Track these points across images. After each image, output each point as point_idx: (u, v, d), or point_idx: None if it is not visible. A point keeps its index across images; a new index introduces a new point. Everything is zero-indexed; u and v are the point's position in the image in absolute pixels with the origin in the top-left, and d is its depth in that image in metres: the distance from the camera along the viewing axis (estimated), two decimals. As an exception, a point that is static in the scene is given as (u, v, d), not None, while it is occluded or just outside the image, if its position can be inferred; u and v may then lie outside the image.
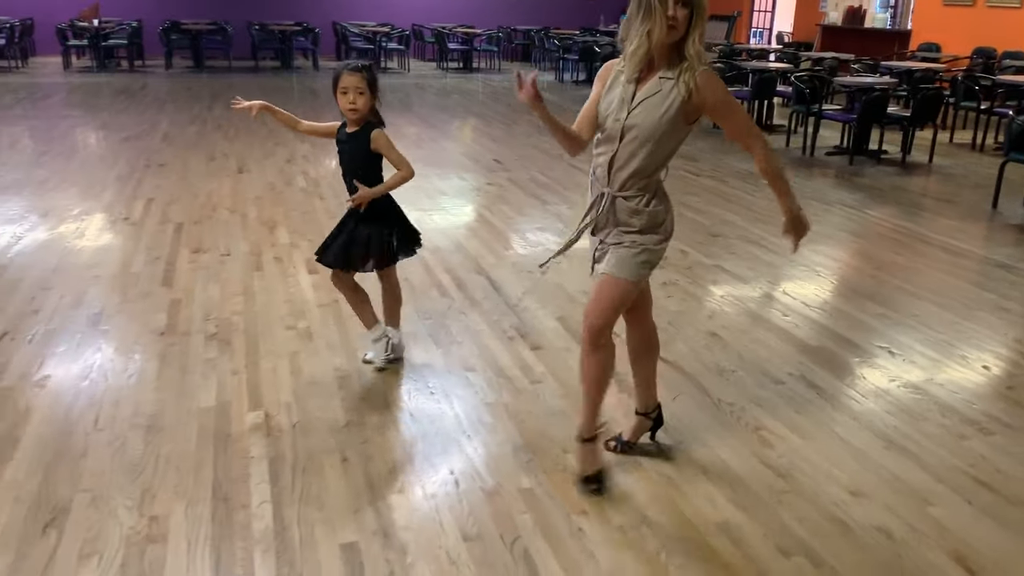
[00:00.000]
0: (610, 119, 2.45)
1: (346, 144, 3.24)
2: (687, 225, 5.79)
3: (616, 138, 2.45)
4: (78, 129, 8.76)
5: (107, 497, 2.57)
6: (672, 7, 2.29)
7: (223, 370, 3.43)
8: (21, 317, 3.88)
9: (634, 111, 2.41)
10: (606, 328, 2.57)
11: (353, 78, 3.11)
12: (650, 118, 2.40)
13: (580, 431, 2.71)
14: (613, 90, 2.47)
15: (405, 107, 11.22)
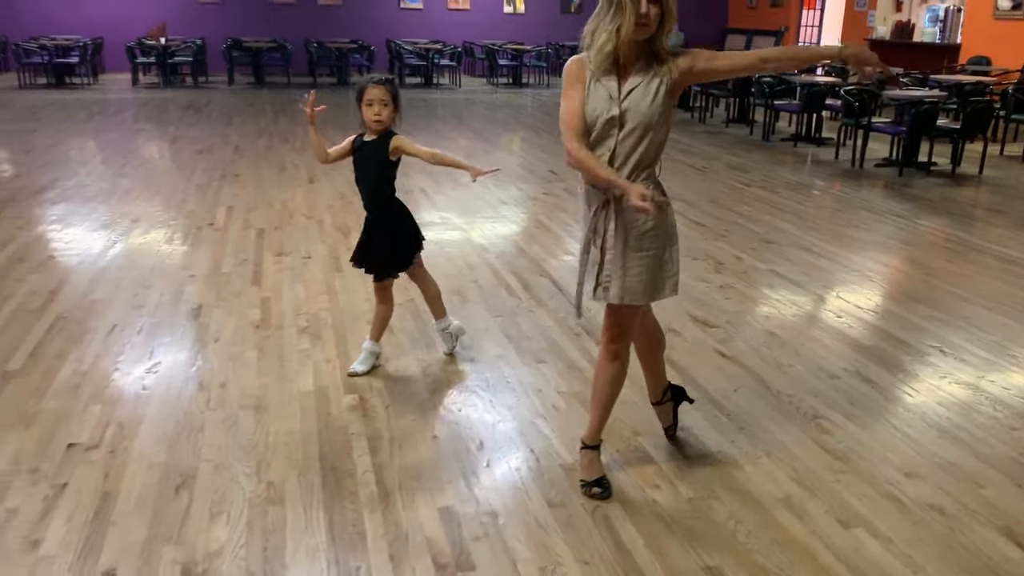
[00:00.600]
0: (601, 118, 2.43)
1: (364, 151, 3.39)
2: (741, 233, 5.99)
3: (613, 133, 2.44)
4: (153, 142, 9.22)
5: (227, 465, 2.87)
6: (645, 5, 2.31)
7: (317, 359, 3.73)
8: (127, 311, 4.23)
9: (625, 100, 2.41)
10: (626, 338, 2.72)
11: (378, 90, 3.27)
12: (643, 104, 2.41)
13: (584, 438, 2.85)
14: (595, 91, 2.44)
15: (458, 120, 11.56)
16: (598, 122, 2.44)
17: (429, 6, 18.06)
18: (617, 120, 2.43)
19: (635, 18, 2.31)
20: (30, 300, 4.34)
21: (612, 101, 2.42)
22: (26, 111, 11.20)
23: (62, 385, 3.43)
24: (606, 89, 2.43)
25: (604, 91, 2.43)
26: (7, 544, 2.43)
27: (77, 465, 2.85)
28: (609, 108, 2.42)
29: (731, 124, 11.54)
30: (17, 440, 2.99)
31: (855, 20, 15.92)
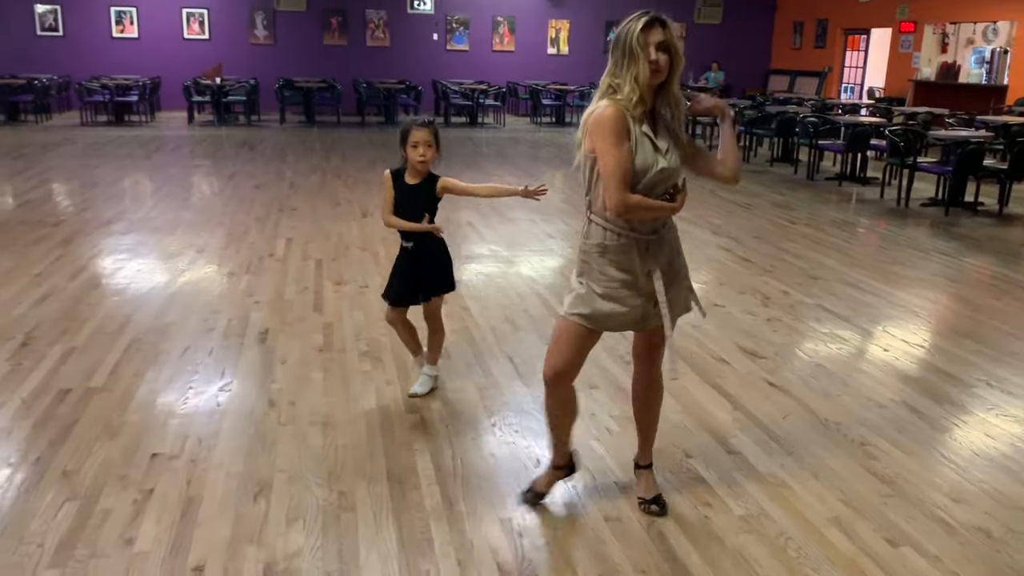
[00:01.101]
0: (654, 169, 2.51)
1: (411, 194, 3.53)
2: (787, 268, 6.12)
3: (661, 183, 2.55)
4: (212, 177, 9.61)
5: (301, 476, 3.06)
6: (654, 52, 2.43)
7: (379, 381, 3.94)
8: (199, 334, 4.48)
9: (669, 156, 2.53)
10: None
11: (423, 133, 3.41)
12: (679, 164, 2.57)
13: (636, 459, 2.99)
14: (640, 141, 2.51)
15: (503, 158, 11.86)
16: (650, 172, 2.51)
17: (475, 48, 18.54)
18: (667, 173, 2.54)
19: (648, 65, 2.43)
20: (107, 323, 4.61)
21: (659, 154, 2.51)
22: (89, 148, 11.72)
23: (141, 401, 3.66)
24: (649, 140, 2.51)
25: (648, 142, 2.51)
26: (104, 541, 2.64)
27: (161, 472, 3.06)
28: (657, 160, 2.51)
29: (775, 163, 11.68)
30: (104, 449, 3.22)
31: (900, 61, 16.04)
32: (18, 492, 2.90)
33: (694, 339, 4.61)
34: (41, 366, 3.99)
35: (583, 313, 2.63)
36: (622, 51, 2.47)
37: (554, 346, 2.70)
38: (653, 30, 2.45)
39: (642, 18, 2.46)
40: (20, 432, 3.34)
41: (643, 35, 2.43)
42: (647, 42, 2.43)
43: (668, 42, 2.45)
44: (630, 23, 2.47)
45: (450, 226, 7.21)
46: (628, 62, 2.45)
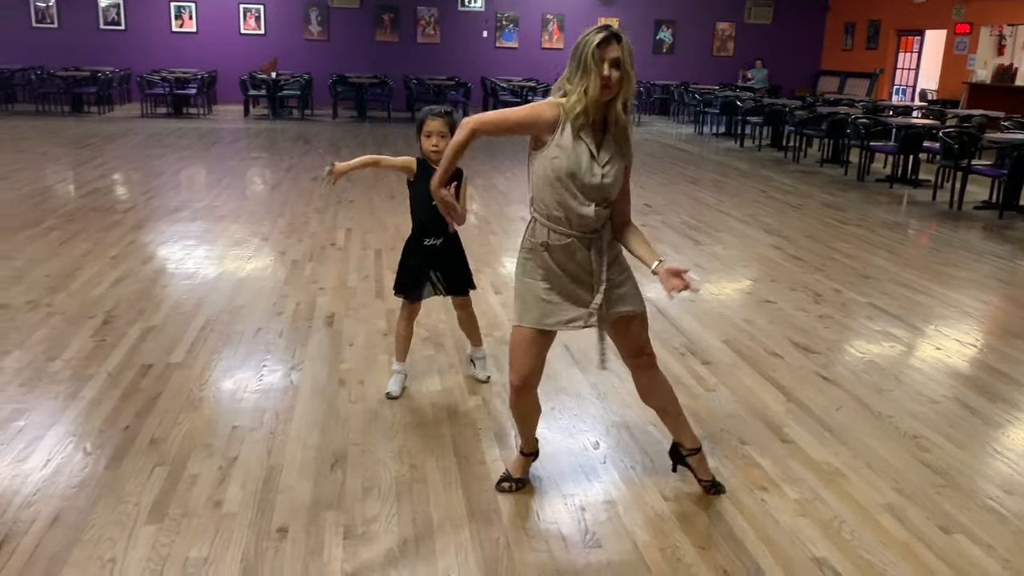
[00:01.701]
0: (588, 178, 2.56)
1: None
2: (839, 268, 6.16)
3: (597, 191, 2.59)
4: (270, 169, 9.87)
5: (373, 449, 3.23)
6: (607, 68, 2.46)
7: (441, 364, 4.09)
8: (269, 317, 4.68)
9: (606, 169, 2.58)
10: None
11: (437, 122, 3.37)
12: (618, 179, 2.61)
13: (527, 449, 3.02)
14: (575, 144, 2.54)
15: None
16: (585, 179, 2.55)
17: (524, 45, 18.69)
18: (599, 187, 2.58)
19: (599, 79, 2.46)
20: (181, 304, 4.83)
21: (594, 162, 2.56)
22: (150, 139, 12.08)
23: (219, 377, 3.86)
24: (587, 148, 2.55)
25: (585, 149, 2.55)
26: (194, 502, 2.83)
27: (243, 443, 3.25)
28: (592, 168, 2.55)
29: (825, 164, 11.64)
30: (188, 420, 3.42)
31: (954, 63, 15.83)
32: (112, 457, 3.11)
33: (747, 333, 4.70)
34: (123, 343, 4.21)
35: (532, 316, 2.71)
36: (577, 62, 2.51)
37: (515, 356, 2.76)
38: (609, 46, 2.48)
39: (600, 33, 2.50)
40: (109, 403, 3.55)
41: (599, 50, 2.47)
42: (602, 57, 2.47)
43: (621, 59, 2.49)
44: (589, 35, 2.51)
45: (503, 221, 7.37)
46: (581, 74, 2.50)
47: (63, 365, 3.91)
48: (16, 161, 9.70)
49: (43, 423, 3.35)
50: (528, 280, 2.73)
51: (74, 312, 4.63)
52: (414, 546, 2.64)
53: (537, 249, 2.69)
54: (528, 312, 2.72)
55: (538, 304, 2.71)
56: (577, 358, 4.21)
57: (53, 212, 7.07)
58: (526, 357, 2.75)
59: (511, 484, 2.99)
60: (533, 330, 2.72)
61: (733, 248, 6.71)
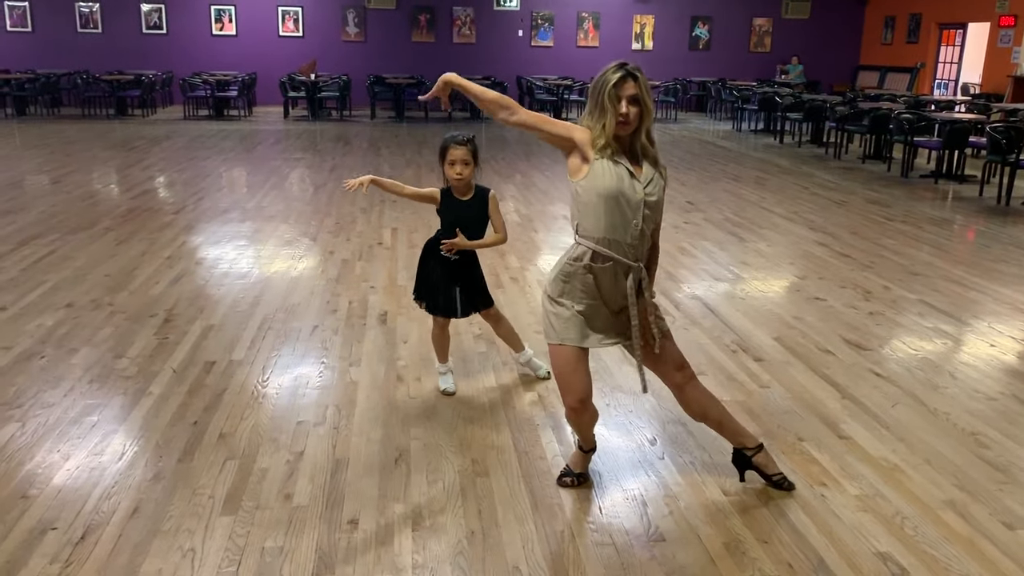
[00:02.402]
0: (629, 195, 2.62)
1: (461, 211, 3.56)
2: (887, 265, 6.13)
3: (641, 210, 2.65)
4: (313, 169, 10.01)
5: (435, 444, 3.30)
6: (625, 106, 2.56)
7: (495, 361, 4.16)
8: (324, 315, 4.77)
9: (648, 188, 2.65)
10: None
11: (460, 151, 3.43)
12: (659, 198, 2.70)
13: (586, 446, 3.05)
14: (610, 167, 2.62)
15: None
16: (624, 196, 2.62)
17: (559, 44, 18.72)
18: (642, 204, 2.65)
19: (615, 117, 2.57)
20: (238, 303, 4.94)
21: (634, 181, 2.63)
22: (194, 141, 12.30)
23: (280, 373, 3.96)
24: (625, 168, 2.63)
25: (624, 169, 2.63)
26: (266, 495, 2.92)
27: (308, 437, 3.33)
28: (634, 187, 2.63)
29: (867, 160, 11.54)
30: (254, 416, 3.51)
31: (998, 56, 15.59)
32: (183, 451, 3.21)
33: (798, 330, 4.70)
34: (185, 340, 4.33)
35: (573, 334, 2.77)
36: (595, 101, 2.61)
37: (565, 378, 2.80)
38: (626, 84, 2.56)
39: (616, 72, 2.58)
40: (176, 399, 3.66)
41: (615, 89, 2.56)
42: (619, 96, 2.56)
43: (639, 96, 2.57)
44: (606, 74, 2.60)
45: (543, 219, 7.42)
46: (599, 113, 2.60)
47: (129, 362, 4.03)
48: (66, 164, 9.93)
49: (115, 418, 3.46)
50: (566, 300, 2.79)
51: (136, 311, 4.76)
52: (481, 538, 2.70)
53: (579, 272, 2.75)
54: (569, 331, 2.78)
55: (577, 323, 2.78)
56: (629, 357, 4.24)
57: (107, 214, 7.24)
58: (577, 375, 2.81)
59: (572, 479, 3.04)
60: (577, 348, 2.79)
61: (778, 245, 6.70)
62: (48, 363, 4.00)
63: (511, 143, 12.96)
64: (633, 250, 2.71)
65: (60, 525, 2.71)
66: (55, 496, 2.88)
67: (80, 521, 2.74)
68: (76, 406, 3.56)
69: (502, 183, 9.01)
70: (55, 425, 3.39)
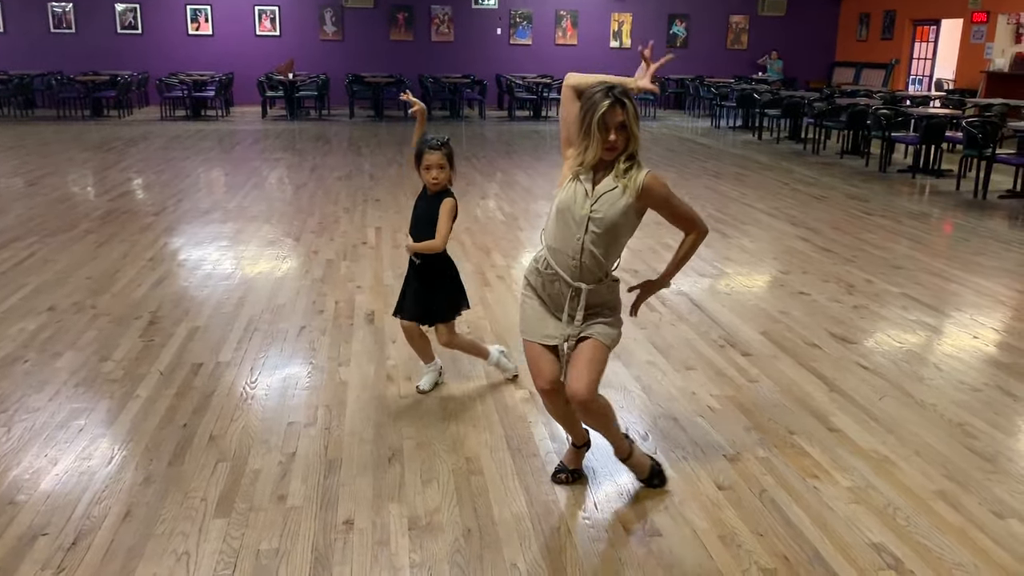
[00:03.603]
0: (573, 211, 2.65)
1: (423, 205, 3.54)
2: (869, 259, 6.18)
3: (582, 229, 2.65)
4: (294, 169, 9.94)
5: (428, 443, 3.29)
6: (613, 134, 2.57)
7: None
8: (311, 316, 4.74)
9: (597, 202, 2.63)
10: (597, 386, 2.74)
11: (435, 156, 3.38)
12: (611, 211, 2.63)
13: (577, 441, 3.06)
14: (575, 187, 2.67)
15: (573, 152, 12.01)
16: (570, 211, 2.65)
17: (538, 42, 18.72)
18: (587, 220, 2.64)
19: (603, 144, 2.58)
20: (223, 304, 4.90)
21: (586, 199, 2.64)
22: (172, 141, 12.18)
23: (268, 374, 3.92)
24: (583, 187, 2.66)
25: (582, 188, 2.66)
26: (260, 496, 2.89)
27: (299, 438, 3.31)
28: (583, 204, 2.64)
29: (845, 155, 11.64)
30: (244, 417, 3.48)
31: (971, 52, 15.77)
32: (174, 453, 3.17)
33: (784, 324, 4.73)
34: (171, 343, 4.29)
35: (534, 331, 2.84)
36: (583, 123, 2.61)
37: (533, 365, 2.83)
38: (614, 111, 2.56)
39: (606, 100, 2.55)
40: (164, 401, 3.62)
41: (603, 119, 2.56)
42: (607, 125, 2.57)
43: (627, 123, 2.59)
44: (595, 97, 2.57)
45: (529, 216, 7.42)
46: (584, 135, 2.62)
47: (115, 365, 3.99)
48: (43, 166, 9.81)
49: (103, 421, 3.42)
50: (526, 297, 2.87)
51: (119, 313, 4.71)
52: (478, 536, 2.70)
53: (535, 272, 2.82)
54: (530, 327, 2.84)
55: (535, 319, 2.83)
56: (618, 352, 4.24)
57: (86, 216, 7.16)
58: (543, 363, 2.82)
59: (567, 475, 3.04)
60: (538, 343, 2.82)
61: (761, 241, 6.74)
62: (32, 367, 3.95)
63: (491, 141, 12.95)
64: (576, 268, 2.69)
65: (51, 531, 2.67)
66: (44, 501, 2.84)
67: (71, 526, 2.70)
68: (62, 410, 3.51)
69: (484, 181, 9.00)
70: (41, 429, 3.34)
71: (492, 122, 15.79)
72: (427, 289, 3.62)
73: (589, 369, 2.73)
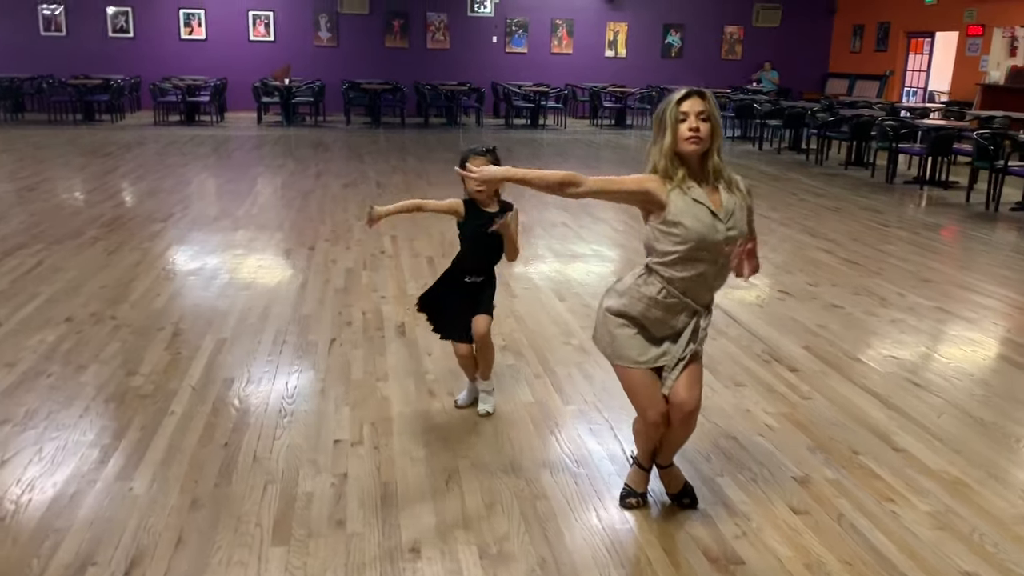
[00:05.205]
0: (710, 236, 2.52)
1: (475, 222, 3.35)
2: (895, 271, 6.10)
3: (722, 252, 2.55)
4: (298, 176, 9.75)
5: (484, 464, 3.14)
6: (695, 120, 2.50)
7: (527, 374, 4.01)
8: (339, 327, 4.58)
9: (730, 223, 2.55)
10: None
11: (480, 161, 3.25)
12: (741, 224, 2.58)
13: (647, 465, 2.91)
14: (689, 205, 2.54)
15: (563, 158, 11.91)
16: (705, 242, 2.52)
17: (533, 50, 18.62)
18: (724, 243, 2.55)
19: (675, 136, 2.51)
20: (247, 315, 4.73)
21: (716, 220, 2.54)
22: (169, 146, 11.96)
23: (305, 390, 3.76)
24: (704, 205, 2.54)
25: (703, 208, 2.54)
26: (317, 522, 2.73)
27: (349, 458, 3.15)
28: (716, 227, 2.53)
29: (849, 167, 11.60)
30: (287, 436, 3.32)
31: (966, 64, 15.83)
32: (219, 474, 3.01)
33: (824, 339, 4.63)
34: (199, 355, 4.11)
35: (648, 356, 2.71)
36: (658, 123, 2.57)
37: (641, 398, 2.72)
38: (690, 100, 2.53)
39: (681, 91, 2.55)
40: (200, 418, 3.45)
41: (677, 107, 2.51)
42: (685, 112, 2.51)
43: (708, 111, 2.52)
44: (670, 96, 2.56)
45: (542, 227, 7.29)
46: (660, 133, 2.55)
47: (144, 379, 3.81)
48: (40, 172, 9.57)
49: (139, 440, 3.25)
50: (620, 325, 2.69)
51: (141, 324, 4.53)
52: (554, 565, 2.55)
53: (644, 299, 2.65)
54: (636, 352, 2.68)
55: (639, 345, 2.68)
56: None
57: (92, 222, 6.95)
58: (655, 392, 2.70)
59: (636, 499, 2.90)
60: (647, 369, 2.68)
61: (782, 252, 6.64)
62: (57, 381, 3.76)
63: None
64: (709, 293, 2.66)
65: (100, 560, 2.51)
66: (88, 528, 2.67)
67: (121, 554, 2.53)
68: (94, 427, 3.34)
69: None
70: (74, 448, 3.16)
71: (490, 130, 15.66)
72: (475, 303, 3.47)
73: (698, 382, 2.70)
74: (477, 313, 3.45)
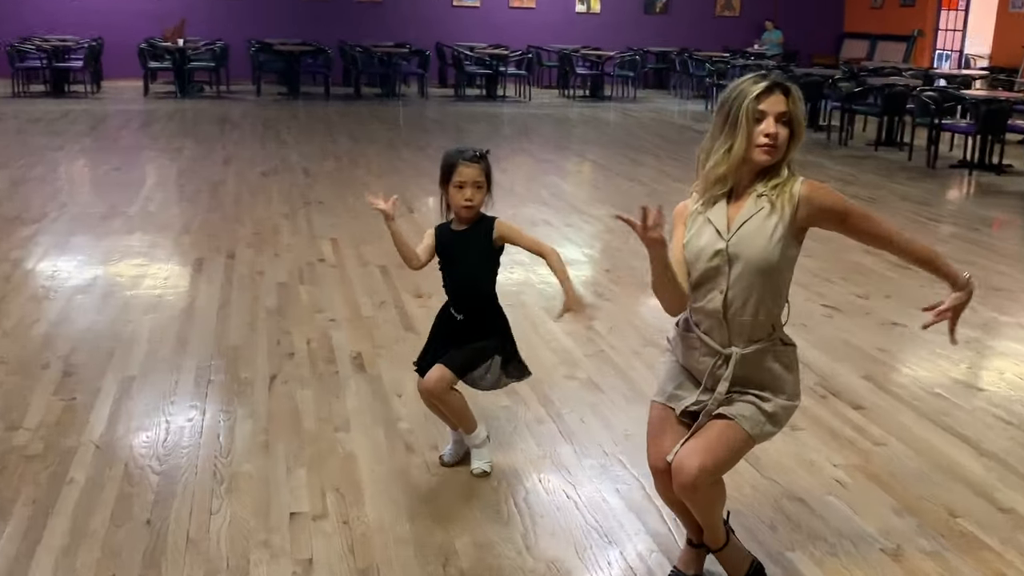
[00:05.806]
0: (706, 252, 2.49)
1: (459, 245, 3.30)
2: (958, 277, 6.08)
3: (724, 271, 2.48)
4: (204, 162, 9.51)
5: (490, 542, 2.99)
6: (772, 125, 2.39)
7: (527, 418, 3.88)
8: (280, 360, 4.39)
9: (735, 235, 2.47)
10: (711, 475, 2.49)
11: (472, 170, 3.16)
12: (757, 241, 2.45)
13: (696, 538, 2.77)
14: (701, 225, 2.53)
15: (529, 140, 11.82)
16: (701, 257, 2.49)
17: (488, 4, 18.55)
18: (725, 255, 2.47)
19: (749, 141, 2.40)
20: (159, 347, 4.51)
21: (718, 235, 2.49)
22: (34, 124, 11.59)
23: (246, 447, 3.57)
24: (713, 222, 2.51)
25: (711, 225, 2.51)
26: (281, 627, 2.55)
27: (312, 537, 2.98)
28: (714, 242, 2.48)
29: (880, 147, 11.69)
30: (228, 509, 3.13)
31: (1010, 22, 16.15)
32: (144, 563, 2.80)
33: (888, 366, 4.57)
34: (100, 401, 3.90)
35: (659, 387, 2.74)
36: (724, 116, 2.46)
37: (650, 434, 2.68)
38: (772, 97, 2.41)
39: (760, 82, 2.42)
40: (111, 487, 3.24)
41: (756, 103, 2.40)
42: (764, 112, 2.40)
43: (791, 114, 2.43)
44: (744, 84, 2.45)
45: (522, 221, 7.16)
46: (727, 131, 2.44)
47: (30, 435, 3.58)
48: None
49: (32, 520, 3.02)
50: (670, 350, 2.77)
51: (19, 360, 4.29)
52: None
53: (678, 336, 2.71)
54: (660, 384, 2.72)
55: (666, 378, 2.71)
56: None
57: (-58, 224, 6.64)
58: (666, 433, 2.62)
59: None
60: (661, 405, 2.68)
61: (819, 256, 6.60)
62: (-87, 440, 3.51)
63: (439, 126, 12.69)
64: (723, 329, 2.53)
65: None
66: (-27, 644, 2.44)
67: None
68: (-31, 504, 3.10)
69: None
70: (-56, 533, 2.93)
71: (436, 102, 15.53)
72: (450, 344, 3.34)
73: (710, 450, 2.48)
74: (439, 359, 3.30)
